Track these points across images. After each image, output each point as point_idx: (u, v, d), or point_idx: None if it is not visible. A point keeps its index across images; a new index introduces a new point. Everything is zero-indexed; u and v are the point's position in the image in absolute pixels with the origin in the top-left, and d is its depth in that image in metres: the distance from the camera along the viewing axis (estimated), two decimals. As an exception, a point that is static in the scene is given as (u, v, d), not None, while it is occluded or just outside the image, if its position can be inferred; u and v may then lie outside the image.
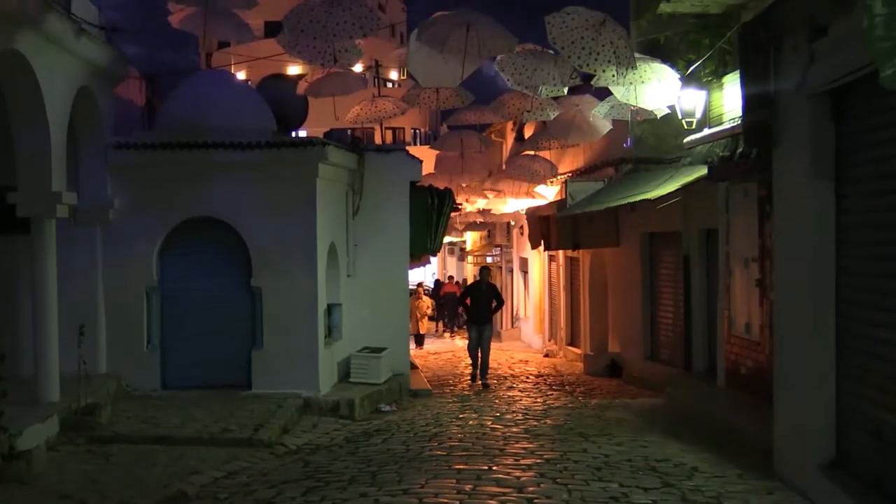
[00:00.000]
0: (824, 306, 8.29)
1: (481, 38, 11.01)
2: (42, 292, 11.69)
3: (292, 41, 11.72)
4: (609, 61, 11.17)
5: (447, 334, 37.36)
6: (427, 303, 32.78)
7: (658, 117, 14.41)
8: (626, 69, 11.47)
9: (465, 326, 35.59)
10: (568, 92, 14.37)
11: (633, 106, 13.49)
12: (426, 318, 32.54)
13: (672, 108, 14.01)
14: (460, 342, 29.98)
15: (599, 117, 15.50)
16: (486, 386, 18.38)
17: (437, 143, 24.10)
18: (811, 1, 8.11)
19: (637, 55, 12.02)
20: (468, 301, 19.52)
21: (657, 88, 13.25)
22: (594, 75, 12.50)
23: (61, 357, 11.79)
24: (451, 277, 43.95)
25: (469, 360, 19.69)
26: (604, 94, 14.32)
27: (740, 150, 11.30)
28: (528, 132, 27.43)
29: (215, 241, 14.23)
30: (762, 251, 12.14)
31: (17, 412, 9.65)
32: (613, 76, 12.65)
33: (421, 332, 30.87)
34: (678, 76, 13.25)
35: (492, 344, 19.62)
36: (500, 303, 19.84)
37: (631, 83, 13.07)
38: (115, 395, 13.16)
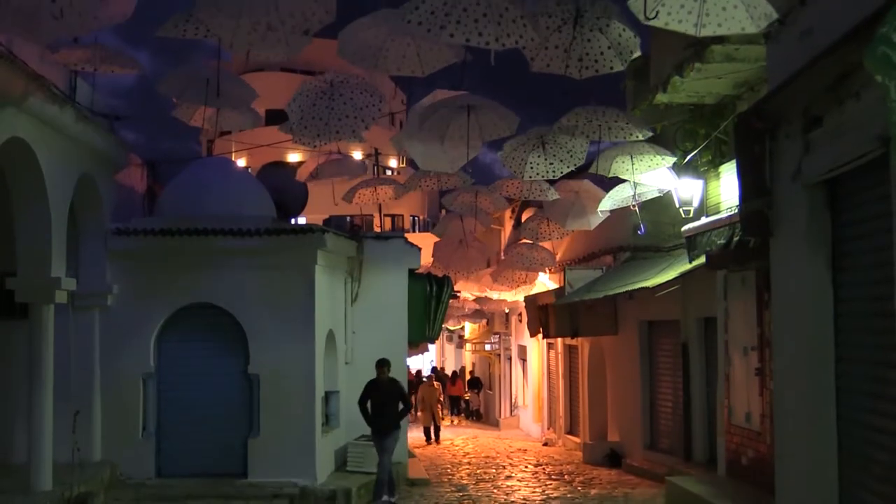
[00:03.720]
0: (824, 395, 8.25)
1: (481, 121, 11.12)
2: (38, 378, 11.63)
3: (295, 131, 11.83)
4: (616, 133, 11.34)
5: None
6: (439, 390, 29.80)
7: (657, 193, 14.48)
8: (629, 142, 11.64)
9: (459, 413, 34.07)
10: (566, 177, 14.48)
11: (634, 203, 13.62)
12: (439, 405, 29.15)
13: (669, 195, 14.12)
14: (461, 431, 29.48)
15: (600, 209, 15.59)
16: None
17: (437, 228, 24.18)
18: (805, 92, 8.22)
19: (636, 141, 12.17)
20: (368, 404, 14.38)
21: (653, 175, 13.40)
22: (592, 161, 12.66)
23: (55, 443, 11.69)
24: (438, 369, 43.76)
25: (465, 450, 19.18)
26: (601, 179, 14.46)
27: (737, 238, 11.35)
28: (527, 217, 27.54)
29: (213, 327, 14.20)
30: (761, 339, 12.11)
31: (8, 501, 9.52)
32: (614, 162, 12.81)
33: (438, 424, 27.58)
34: (675, 163, 13.39)
35: (491, 432, 19.29)
36: (407, 406, 14.79)
37: (627, 168, 13.21)
38: (109, 483, 13.01)
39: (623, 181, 14.07)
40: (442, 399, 31.35)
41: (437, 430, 27.34)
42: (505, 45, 7.36)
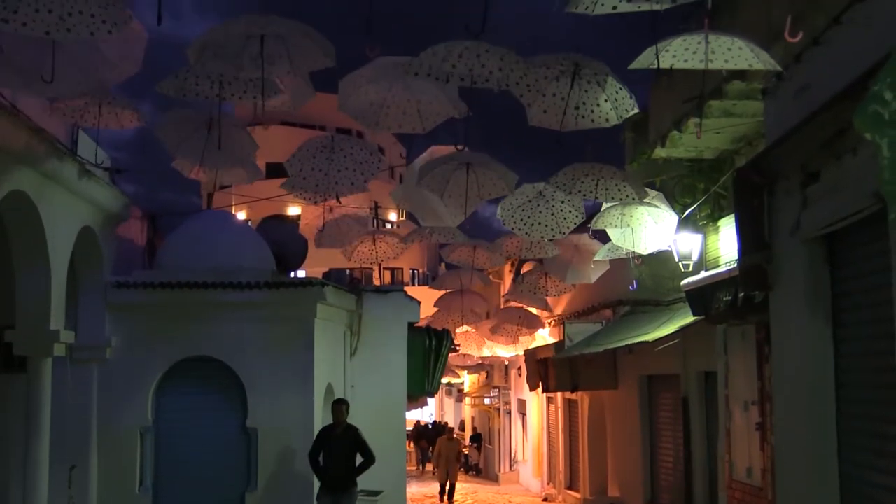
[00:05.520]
0: (826, 451, 8.20)
1: (480, 179, 11.18)
2: (35, 431, 11.56)
3: (295, 186, 11.90)
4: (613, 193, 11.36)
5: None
6: (461, 444, 27.94)
7: (656, 252, 14.50)
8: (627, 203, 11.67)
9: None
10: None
11: (633, 253, 13.64)
12: (458, 463, 27.70)
13: (669, 249, 14.14)
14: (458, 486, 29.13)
15: (596, 259, 15.63)
16: None
17: (437, 283, 24.21)
18: (802, 148, 8.28)
19: (636, 196, 12.22)
20: (320, 456, 13.19)
21: (654, 230, 13.43)
22: (593, 217, 12.70)
23: (51, 498, 11.59)
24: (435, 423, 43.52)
25: None
26: (601, 235, 14.49)
27: (741, 294, 11.36)
28: (526, 270, 27.56)
29: (212, 380, 14.14)
30: (762, 394, 12.06)
31: (3, 556, 9.44)
32: (614, 217, 12.84)
33: (454, 482, 26.27)
34: (674, 217, 13.43)
35: (490, 487, 19.06)
36: (369, 458, 13.28)
37: (629, 225, 13.26)
38: (105, 539, 12.87)
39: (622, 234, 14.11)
40: (468, 452, 29.43)
41: (452, 487, 26.25)
42: (507, 83, 7.44)
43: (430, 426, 42.88)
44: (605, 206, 12.99)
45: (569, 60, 8.81)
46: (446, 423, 44.05)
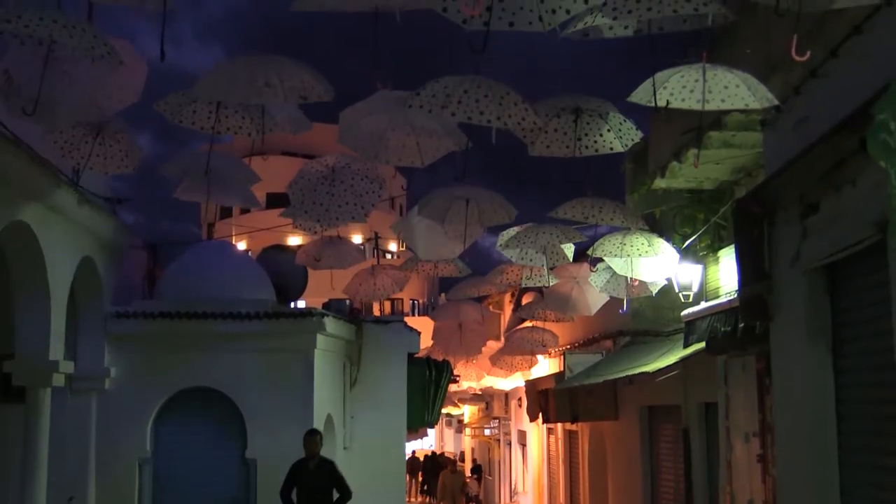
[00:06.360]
0: (828, 484, 8.16)
1: (480, 208, 11.20)
2: (32, 462, 11.51)
3: (295, 216, 11.91)
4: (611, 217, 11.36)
5: None
6: (465, 477, 27.38)
7: (654, 293, 14.50)
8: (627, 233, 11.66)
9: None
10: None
11: (631, 280, 13.60)
12: (462, 495, 27.19)
13: (669, 281, 14.13)
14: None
15: (596, 291, 15.60)
16: None
17: (436, 314, 24.17)
18: (801, 179, 8.30)
19: (634, 227, 12.23)
20: (293, 493, 12.46)
21: (653, 262, 13.41)
22: (592, 245, 12.70)
23: (49, 530, 11.52)
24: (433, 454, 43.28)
25: None
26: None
27: (742, 324, 11.35)
28: (526, 302, 27.55)
29: (211, 411, 14.10)
30: (763, 426, 12.01)
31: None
32: (613, 246, 12.83)
33: None
34: (675, 249, 13.43)
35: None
36: (346, 493, 12.35)
37: (628, 255, 13.25)
38: (103, 571, 12.79)
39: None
40: (470, 488, 28.98)
41: None
42: (507, 124, 7.47)
43: (430, 456, 42.65)
44: (604, 235, 13.00)
45: (569, 103, 8.87)
46: (444, 454, 43.88)
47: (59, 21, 6.74)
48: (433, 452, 45.73)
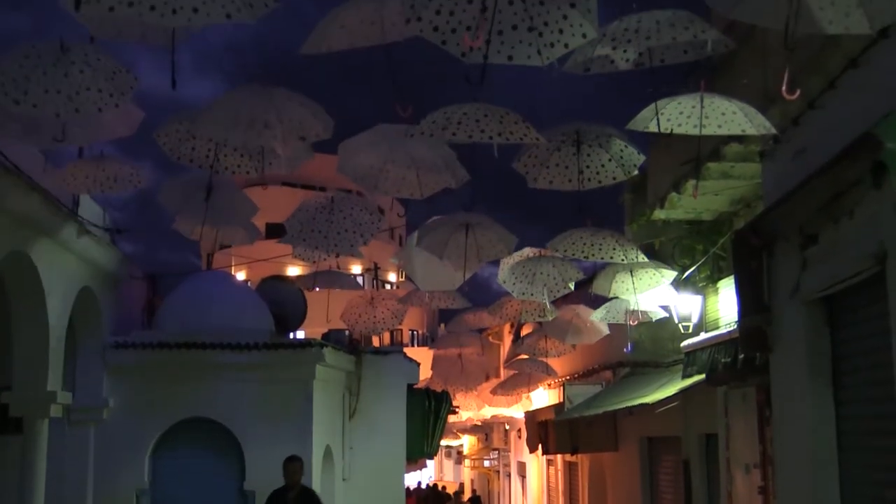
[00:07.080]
0: (828, 515, 8.13)
1: (479, 241, 11.19)
2: (30, 493, 11.43)
3: (293, 244, 11.93)
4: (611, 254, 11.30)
5: None
6: None
7: (653, 320, 14.49)
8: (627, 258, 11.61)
9: None
10: (564, 298, 14.49)
11: (630, 311, 13.60)
12: None
13: (669, 311, 14.12)
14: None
15: (596, 321, 15.60)
16: None
17: (435, 345, 24.14)
18: (800, 211, 8.31)
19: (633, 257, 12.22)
20: None
21: (653, 292, 13.41)
22: (591, 280, 12.70)
23: (45, 563, 11.44)
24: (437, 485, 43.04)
25: None
26: (600, 302, 14.46)
27: (742, 356, 11.33)
28: (526, 332, 27.53)
29: (209, 442, 14.03)
30: (763, 457, 11.97)
31: None
32: (613, 281, 12.82)
33: None
34: (673, 279, 13.43)
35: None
36: None
37: (627, 288, 13.24)
38: None
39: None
40: None
41: None
42: (508, 140, 7.48)
43: (432, 487, 42.42)
44: (604, 269, 13.00)
45: (570, 131, 8.89)
46: (444, 487, 43.69)
47: (63, 91, 6.93)
48: (435, 484, 45.50)
